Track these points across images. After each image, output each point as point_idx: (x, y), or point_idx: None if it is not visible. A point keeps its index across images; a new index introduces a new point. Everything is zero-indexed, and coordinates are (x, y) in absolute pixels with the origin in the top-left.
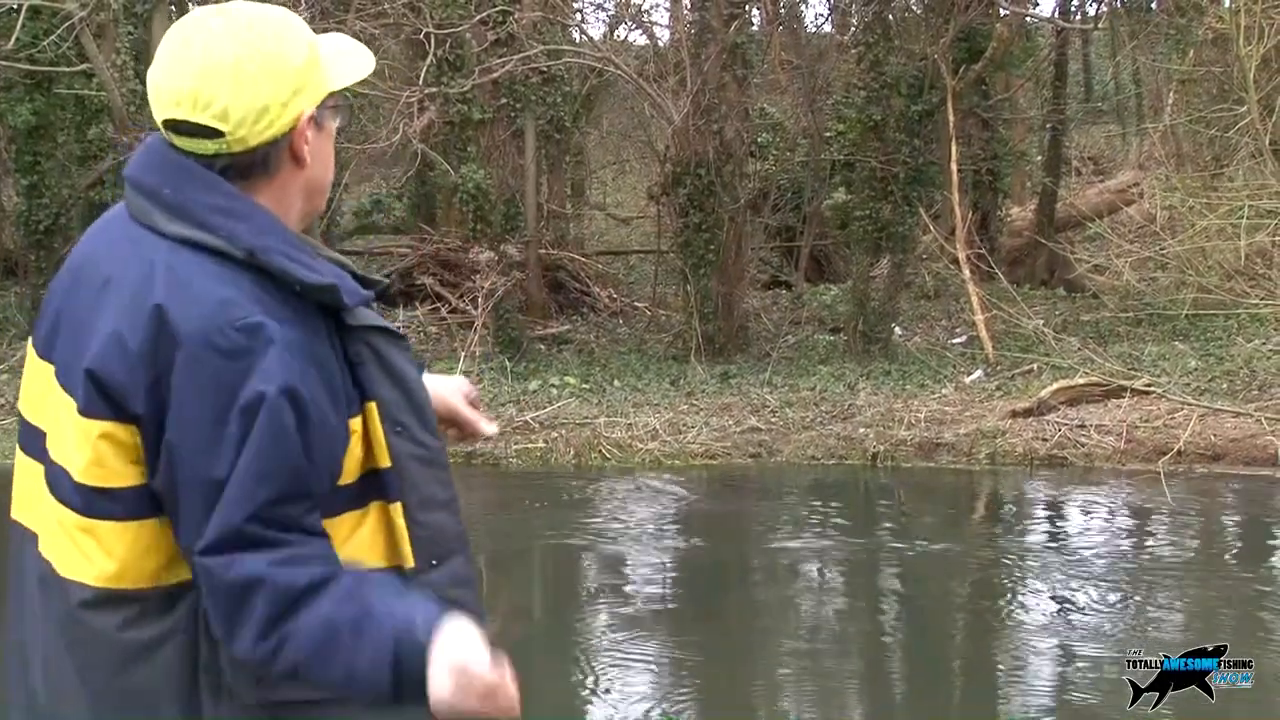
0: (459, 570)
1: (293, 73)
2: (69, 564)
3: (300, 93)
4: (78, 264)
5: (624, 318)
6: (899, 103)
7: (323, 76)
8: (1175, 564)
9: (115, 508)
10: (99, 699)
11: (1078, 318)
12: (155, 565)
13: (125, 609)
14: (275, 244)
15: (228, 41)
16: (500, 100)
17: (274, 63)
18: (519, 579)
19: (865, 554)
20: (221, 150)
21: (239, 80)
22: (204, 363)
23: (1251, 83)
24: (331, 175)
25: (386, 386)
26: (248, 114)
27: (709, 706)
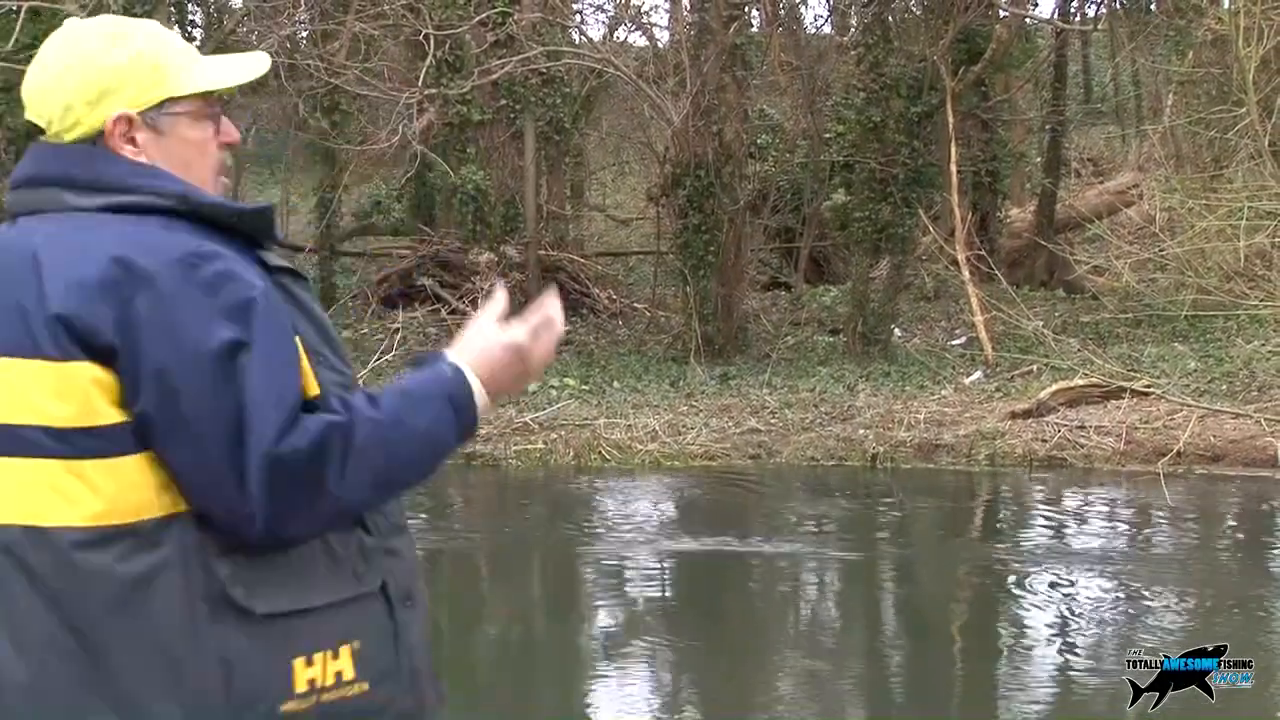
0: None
1: (103, 73)
2: (53, 513)
3: (110, 95)
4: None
5: (623, 319)
6: (898, 104)
7: (158, 83)
8: (1175, 564)
9: (100, 445)
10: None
11: (1077, 319)
12: (139, 499)
13: (119, 544)
14: (197, 189)
15: (54, 46)
16: (500, 101)
17: (82, 64)
18: (519, 580)
19: (865, 555)
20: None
21: (50, 80)
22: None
23: (1251, 84)
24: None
25: (304, 321)
26: (55, 112)
27: (708, 707)
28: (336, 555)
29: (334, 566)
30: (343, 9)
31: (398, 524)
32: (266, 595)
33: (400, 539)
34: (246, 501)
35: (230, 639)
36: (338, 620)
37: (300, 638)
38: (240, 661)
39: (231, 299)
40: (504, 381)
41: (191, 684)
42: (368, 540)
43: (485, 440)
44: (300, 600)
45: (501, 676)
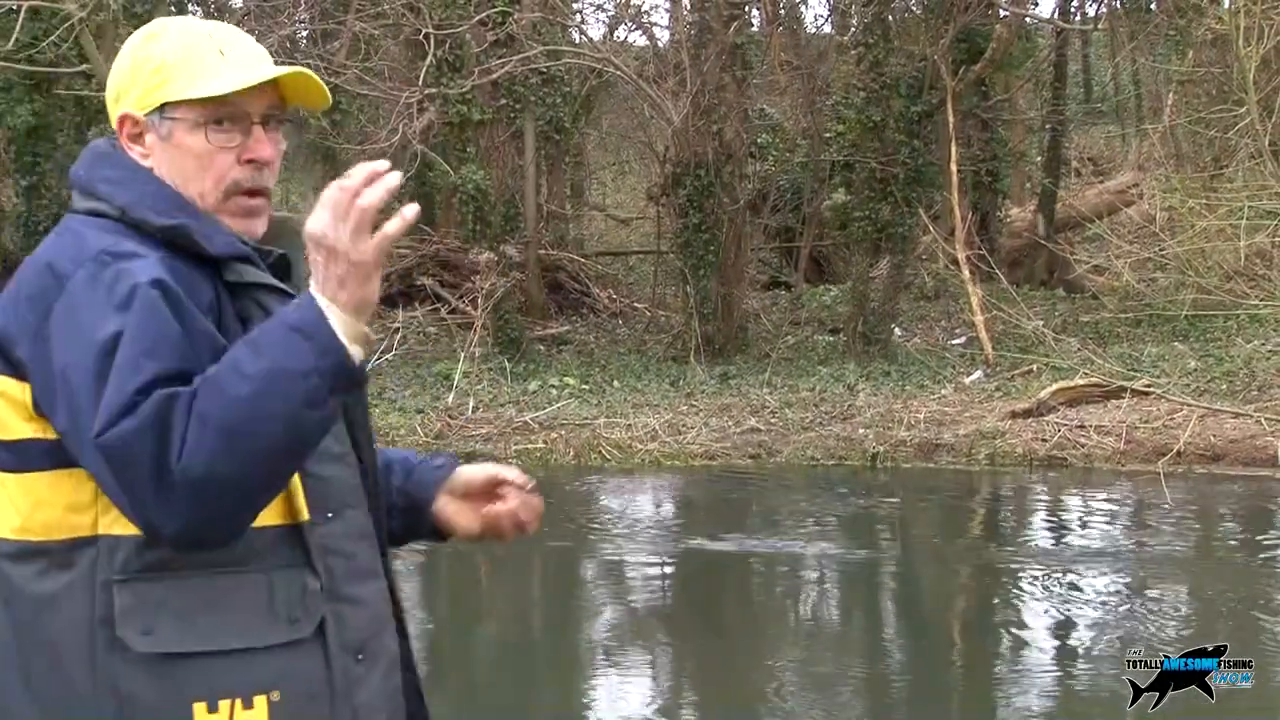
0: (357, 522)
1: (118, 74)
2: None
3: (120, 98)
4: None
5: (623, 318)
6: (898, 103)
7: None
8: (1175, 564)
9: (13, 460)
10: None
11: (1077, 318)
12: (49, 518)
13: (35, 562)
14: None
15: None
16: (500, 101)
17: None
18: (518, 581)
19: (865, 555)
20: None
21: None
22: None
23: (1251, 83)
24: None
25: None
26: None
27: (708, 706)
28: (274, 596)
29: (265, 608)
30: (343, 8)
31: (365, 570)
32: (164, 632)
33: (365, 586)
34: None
35: (125, 673)
36: (254, 667)
37: (201, 680)
38: (133, 697)
39: (120, 292)
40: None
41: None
42: (311, 583)
43: (485, 440)
44: (207, 640)
45: (501, 676)
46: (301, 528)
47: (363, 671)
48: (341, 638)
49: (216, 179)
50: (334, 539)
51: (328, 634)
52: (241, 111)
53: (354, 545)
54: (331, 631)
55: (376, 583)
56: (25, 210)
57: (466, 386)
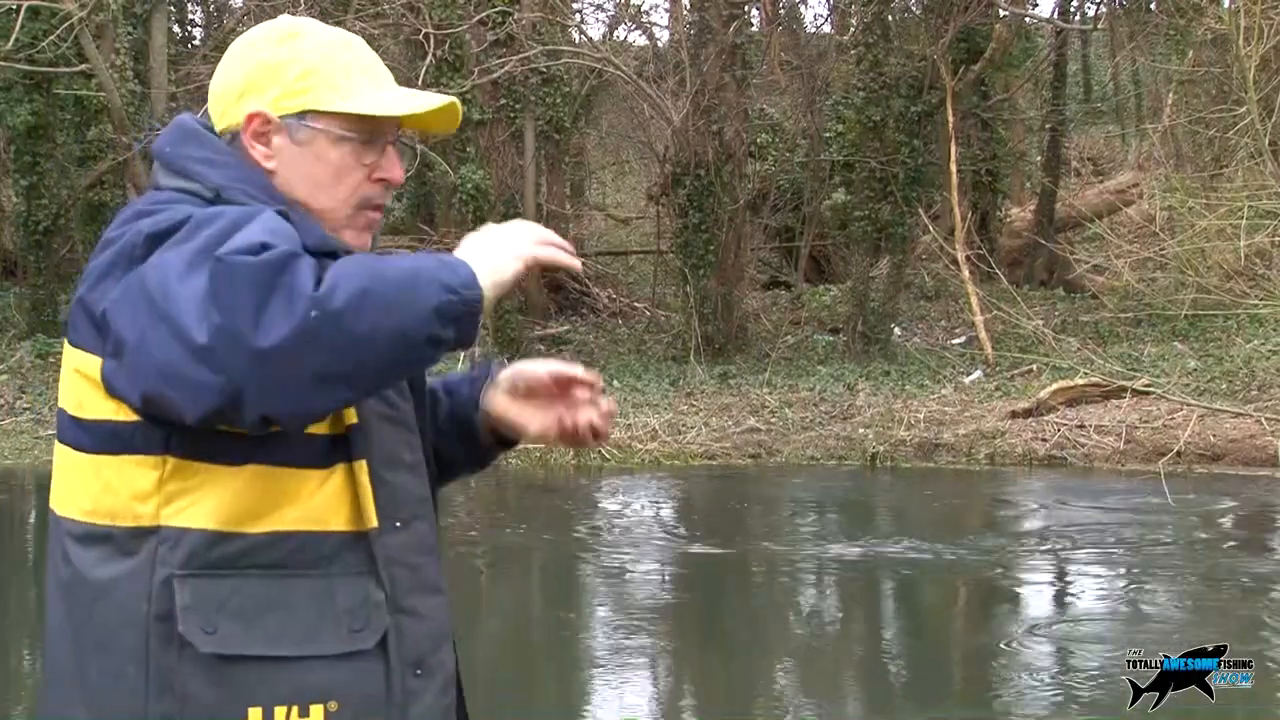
0: (423, 534)
1: (251, 69)
2: (64, 501)
3: (251, 94)
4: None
5: (623, 318)
6: (898, 103)
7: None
8: (1175, 564)
9: (86, 440)
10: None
11: (1077, 318)
12: (115, 504)
13: (98, 547)
14: (244, 186)
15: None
16: (499, 101)
17: (241, 58)
18: (518, 580)
19: (864, 554)
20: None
21: (219, 70)
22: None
23: (1251, 83)
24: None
25: None
26: (212, 101)
27: (708, 705)
28: (336, 604)
29: (327, 615)
30: (342, 8)
31: (428, 583)
32: (226, 632)
33: (427, 599)
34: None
35: (181, 670)
36: (314, 675)
37: (260, 685)
38: (189, 696)
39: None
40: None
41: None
42: (375, 594)
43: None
44: (269, 644)
45: (501, 676)
46: (369, 535)
47: (419, 686)
48: (401, 651)
49: (350, 192)
50: (400, 550)
51: (389, 646)
52: (380, 131)
53: (419, 558)
54: (392, 644)
55: (438, 597)
56: (25, 210)
57: None
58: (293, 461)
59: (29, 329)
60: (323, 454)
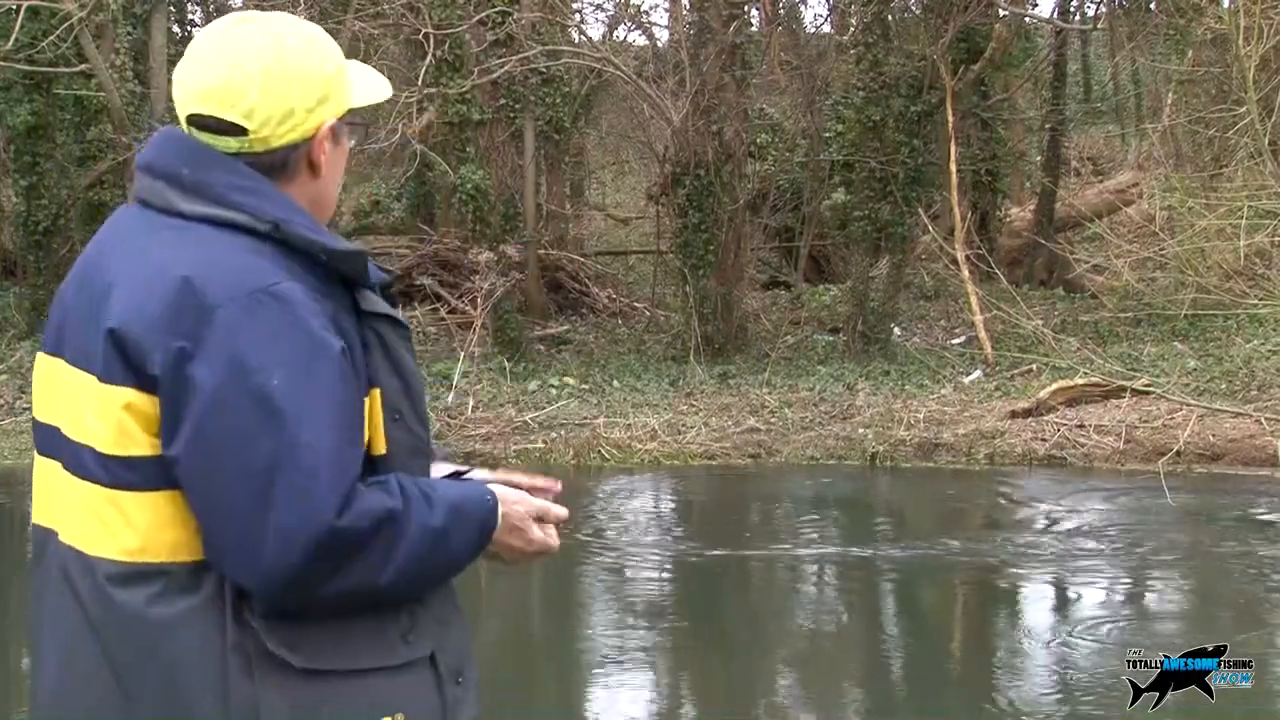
0: None
1: (321, 81)
2: (95, 541)
3: (325, 102)
4: (82, 268)
5: (623, 318)
6: (898, 103)
7: (347, 92)
8: (1175, 564)
9: (135, 478)
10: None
11: (1077, 318)
12: (176, 538)
13: (151, 584)
14: (301, 218)
15: (262, 44)
16: (499, 101)
17: (304, 69)
18: (517, 580)
19: (864, 554)
20: (243, 149)
21: (269, 81)
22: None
23: (1251, 83)
24: (338, 191)
25: (389, 374)
26: (273, 114)
27: (708, 706)
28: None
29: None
30: (342, 8)
31: (452, 596)
32: (307, 651)
33: (455, 612)
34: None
35: (263, 696)
36: (384, 687)
37: (337, 700)
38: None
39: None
40: (508, 534)
41: None
42: (417, 606)
43: (485, 440)
44: (343, 660)
45: (501, 676)
46: None
47: (462, 695)
48: (446, 661)
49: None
50: None
51: (436, 657)
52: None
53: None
54: (438, 654)
55: (460, 611)
56: (25, 210)
57: (466, 386)
58: None
59: (29, 329)
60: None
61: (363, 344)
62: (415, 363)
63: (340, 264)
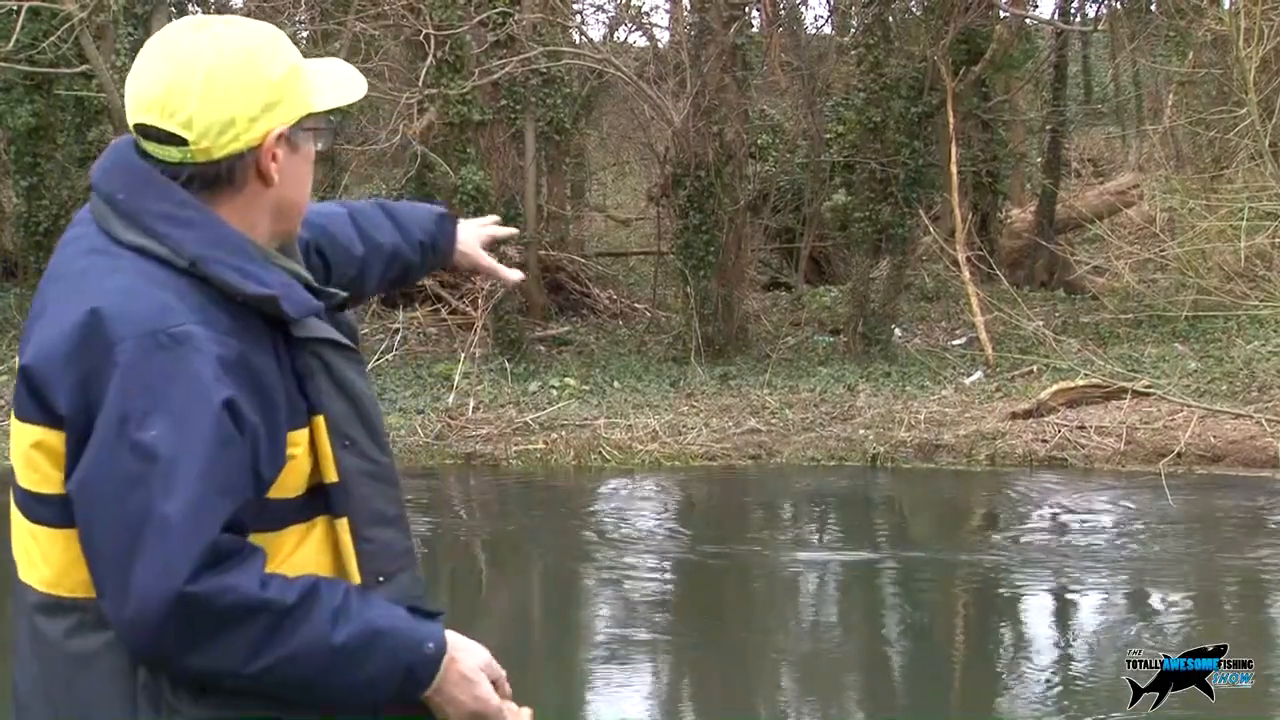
0: (407, 587)
1: (265, 88)
2: (23, 568)
3: (271, 110)
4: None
5: (624, 319)
6: (898, 104)
7: (302, 97)
8: (1175, 565)
9: (47, 514)
10: (54, 703)
11: (1077, 319)
12: (85, 576)
13: (67, 617)
14: (221, 254)
15: (203, 52)
16: (500, 102)
17: (245, 77)
18: (518, 581)
19: (864, 556)
20: (186, 159)
21: (208, 90)
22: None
23: (1251, 84)
24: (306, 198)
25: (336, 399)
26: (212, 125)
27: (708, 708)
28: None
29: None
30: (343, 9)
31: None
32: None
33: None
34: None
35: None
36: None
37: None
38: None
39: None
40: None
41: None
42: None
43: (485, 441)
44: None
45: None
46: None
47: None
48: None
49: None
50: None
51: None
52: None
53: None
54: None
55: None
56: (25, 211)
57: (467, 387)
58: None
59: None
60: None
61: (299, 372)
62: (367, 386)
63: (254, 307)
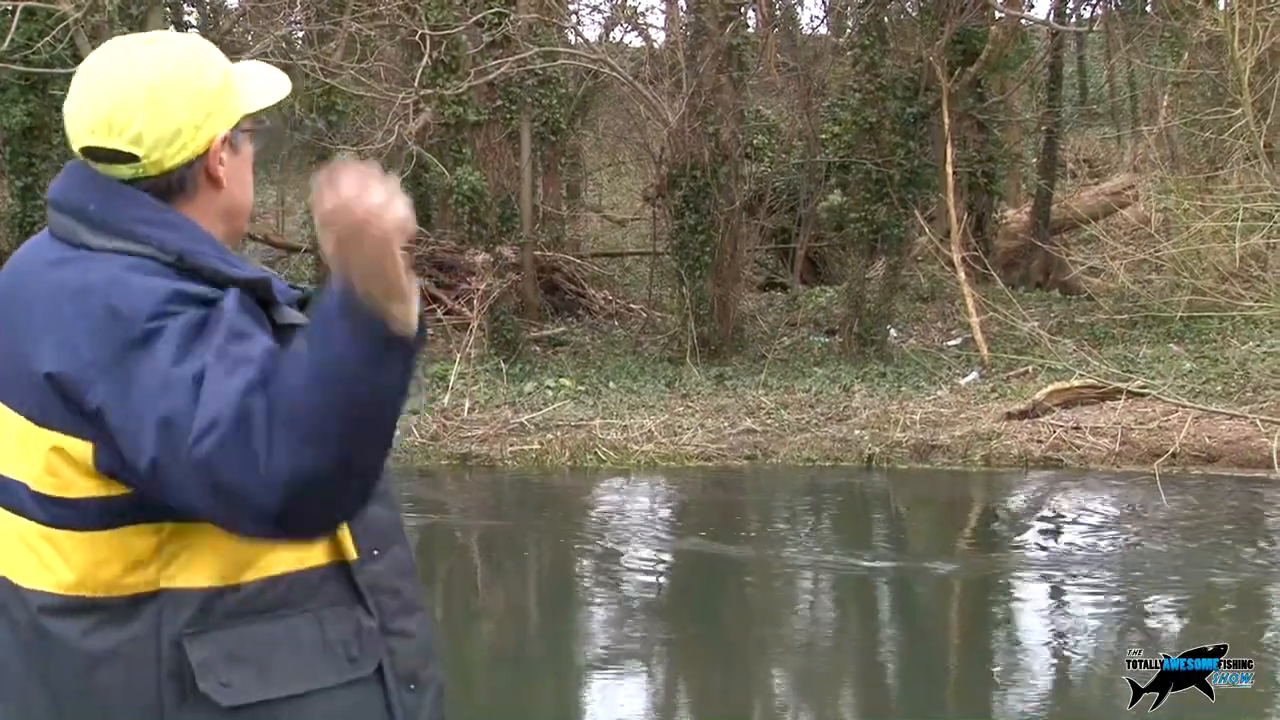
0: (400, 558)
1: (206, 96)
2: (29, 574)
3: (213, 115)
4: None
5: (619, 319)
6: (894, 105)
7: (237, 100)
8: (1172, 565)
9: (72, 517)
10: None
11: (1072, 320)
12: (112, 575)
13: (87, 617)
14: (205, 249)
15: (141, 67)
16: (496, 102)
17: (186, 86)
18: (514, 581)
19: (860, 556)
20: (139, 174)
21: (152, 104)
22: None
23: (1246, 85)
24: (251, 198)
25: None
26: (161, 137)
27: (703, 708)
28: (328, 638)
29: (324, 649)
30: (338, 9)
31: (411, 603)
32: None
33: (412, 619)
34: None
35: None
36: (323, 707)
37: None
38: None
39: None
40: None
41: None
42: (366, 621)
43: (481, 441)
44: (281, 686)
45: (496, 677)
46: (349, 566)
47: (415, 701)
48: (396, 671)
49: None
50: (381, 576)
51: (384, 670)
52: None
53: (400, 581)
54: (387, 667)
55: (420, 614)
56: (20, 211)
57: (462, 388)
58: None
59: None
60: None
61: None
62: None
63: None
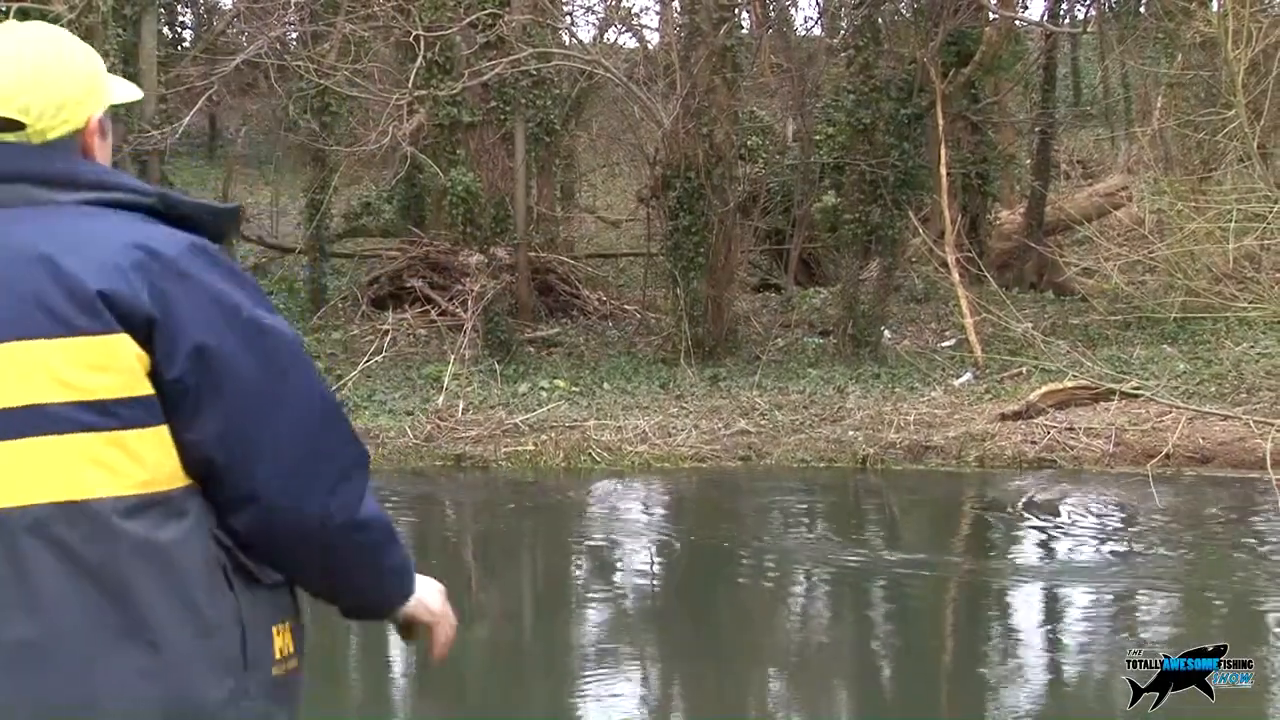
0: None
1: (84, 76)
2: (94, 486)
3: (91, 95)
4: None
5: (613, 320)
6: (888, 106)
7: (105, 88)
8: (1168, 566)
9: (140, 415)
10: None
11: (1066, 321)
12: (174, 467)
13: (155, 512)
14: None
15: (30, 46)
16: (490, 103)
17: (68, 67)
18: (508, 582)
19: (855, 557)
20: (23, 142)
21: (38, 78)
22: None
23: (1239, 87)
24: None
25: None
26: (47, 107)
27: (697, 709)
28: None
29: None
30: (332, 10)
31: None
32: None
33: None
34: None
35: (242, 604)
36: (285, 597)
37: (275, 606)
38: (250, 626)
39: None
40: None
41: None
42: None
43: (475, 442)
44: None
45: (490, 678)
46: None
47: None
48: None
49: None
50: None
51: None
52: None
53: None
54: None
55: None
56: None
57: (456, 388)
58: None
59: None
60: None
61: None
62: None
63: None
